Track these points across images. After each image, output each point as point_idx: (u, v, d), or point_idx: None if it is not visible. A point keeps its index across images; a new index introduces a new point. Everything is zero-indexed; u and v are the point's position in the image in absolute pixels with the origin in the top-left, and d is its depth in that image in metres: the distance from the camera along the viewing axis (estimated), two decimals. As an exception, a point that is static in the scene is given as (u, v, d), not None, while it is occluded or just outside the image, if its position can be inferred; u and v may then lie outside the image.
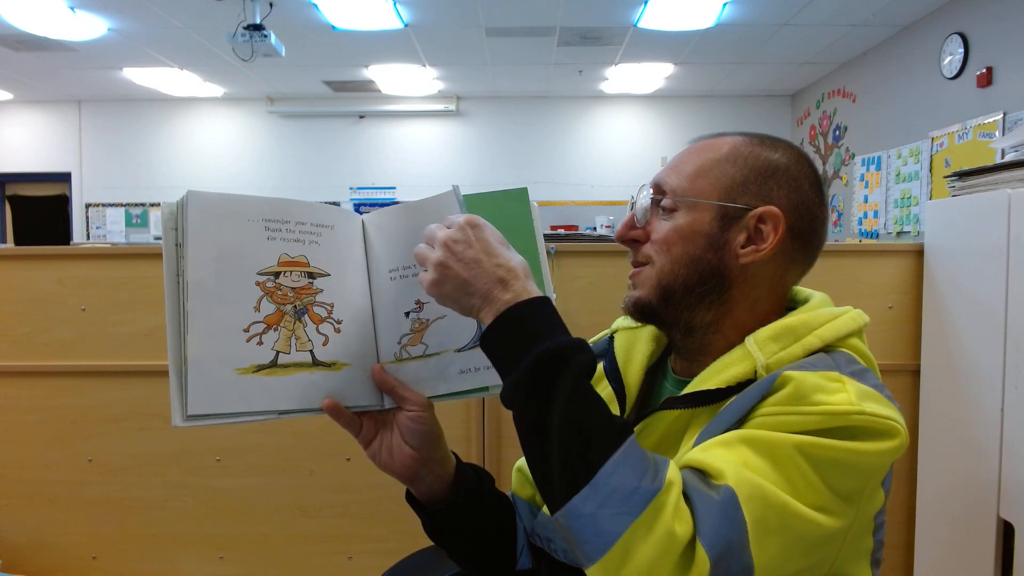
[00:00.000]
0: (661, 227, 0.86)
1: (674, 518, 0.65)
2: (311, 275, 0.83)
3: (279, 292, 0.81)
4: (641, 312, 0.88)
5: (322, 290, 0.83)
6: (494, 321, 0.74)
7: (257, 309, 0.79)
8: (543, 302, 0.75)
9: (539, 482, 0.72)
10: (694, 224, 0.84)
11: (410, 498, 0.94)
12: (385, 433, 0.88)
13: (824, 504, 0.71)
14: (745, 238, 0.84)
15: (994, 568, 1.68)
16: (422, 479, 0.90)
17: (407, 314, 0.85)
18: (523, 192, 0.88)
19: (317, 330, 0.82)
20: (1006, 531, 1.65)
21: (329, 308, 0.83)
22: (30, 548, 2.03)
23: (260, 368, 0.78)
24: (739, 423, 0.76)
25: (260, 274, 0.80)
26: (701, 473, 0.71)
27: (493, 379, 0.83)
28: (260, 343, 0.79)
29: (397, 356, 0.85)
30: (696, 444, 0.77)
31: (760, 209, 0.84)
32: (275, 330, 0.80)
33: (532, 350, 0.71)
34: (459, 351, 0.84)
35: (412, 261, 0.84)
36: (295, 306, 0.81)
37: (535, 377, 0.70)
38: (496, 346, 0.75)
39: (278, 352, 0.80)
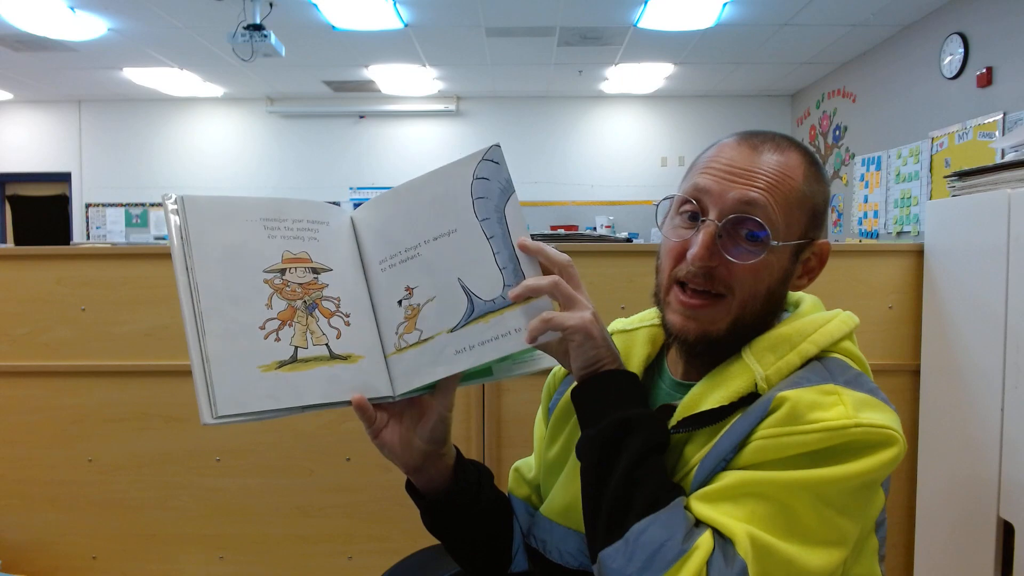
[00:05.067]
0: (749, 259, 0.80)
1: None
2: (315, 270, 0.84)
3: (287, 288, 0.81)
4: (707, 343, 0.83)
5: (327, 285, 0.84)
6: (593, 378, 0.80)
7: (269, 306, 0.80)
8: (635, 377, 0.82)
9: (589, 533, 0.77)
10: (780, 260, 0.83)
11: (410, 488, 0.94)
12: (394, 424, 0.87)
13: (836, 537, 0.73)
14: (801, 268, 0.86)
15: (994, 568, 1.68)
16: (425, 470, 0.90)
17: (399, 302, 0.85)
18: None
19: (329, 324, 0.83)
20: (1006, 531, 1.65)
21: (336, 302, 0.84)
22: (30, 548, 2.03)
23: (282, 364, 0.79)
24: (740, 446, 0.77)
25: (266, 271, 0.81)
26: (722, 538, 0.72)
27: (491, 354, 0.81)
28: (278, 339, 0.79)
29: (397, 346, 0.85)
30: (701, 467, 0.78)
31: (820, 243, 0.86)
32: (290, 326, 0.80)
33: (613, 413, 0.77)
34: (452, 331, 0.83)
35: (399, 248, 0.85)
36: (305, 301, 0.82)
37: (610, 437, 0.76)
38: (585, 400, 0.80)
39: (296, 347, 0.80)
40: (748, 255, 0.80)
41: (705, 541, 0.70)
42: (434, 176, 0.85)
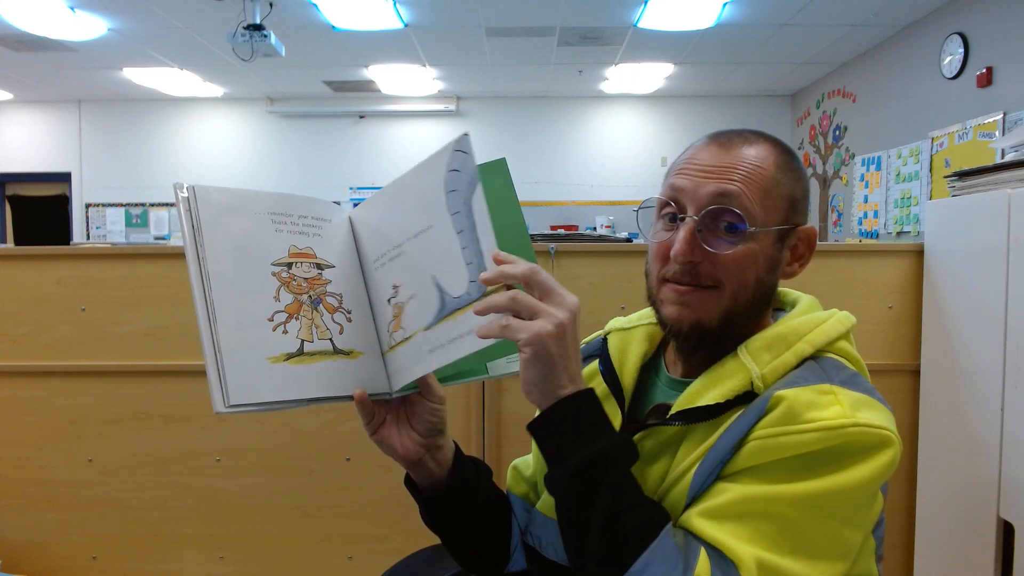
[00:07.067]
0: (730, 249, 0.81)
1: None
2: (319, 266, 0.84)
3: (294, 282, 0.82)
4: (700, 335, 0.84)
5: (330, 281, 0.85)
6: (548, 409, 0.74)
7: (277, 299, 0.81)
8: (591, 396, 0.76)
9: (574, 564, 0.75)
10: (764, 248, 0.83)
11: (409, 483, 0.95)
12: (391, 419, 0.88)
13: (840, 549, 0.74)
14: (790, 255, 0.87)
15: (994, 568, 1.68)
16: (423, 464, 0.90)
17: (389, 300, 0.85)
18: (502, 163, 0.86)
19: (332, 319, 0.84)
20: (1006, 531, 1.65)
21: (339, 298, 0.85)
22: (30, 548, 2.03)
23: (290, 356, 0.80)
24: (737, 447, 0.77)
25: (274, 264, 0.82)
26: (724, 561, 0.71)
27: (463, 349, 0.77)
28: (285, 332, 0.80)
29: (389, 344, 0.85)
30: (700, 467, 0.78)
31: (804, 228, 0.86)
32: (296, 319, 0.81)
33: (577, 452, 0.73)
34: (428, 329, 0.82)
35: (389, 247, 0.85)
36: (310, 296, 0.83)
37: (577, 480, 0.73)
38: (545, 435, 0.76)
39: (303, 340, 0.81)
40: (729, 245, 0.81)
41: (703, 567, 0.70)
42: (415, 171, 0.85)
